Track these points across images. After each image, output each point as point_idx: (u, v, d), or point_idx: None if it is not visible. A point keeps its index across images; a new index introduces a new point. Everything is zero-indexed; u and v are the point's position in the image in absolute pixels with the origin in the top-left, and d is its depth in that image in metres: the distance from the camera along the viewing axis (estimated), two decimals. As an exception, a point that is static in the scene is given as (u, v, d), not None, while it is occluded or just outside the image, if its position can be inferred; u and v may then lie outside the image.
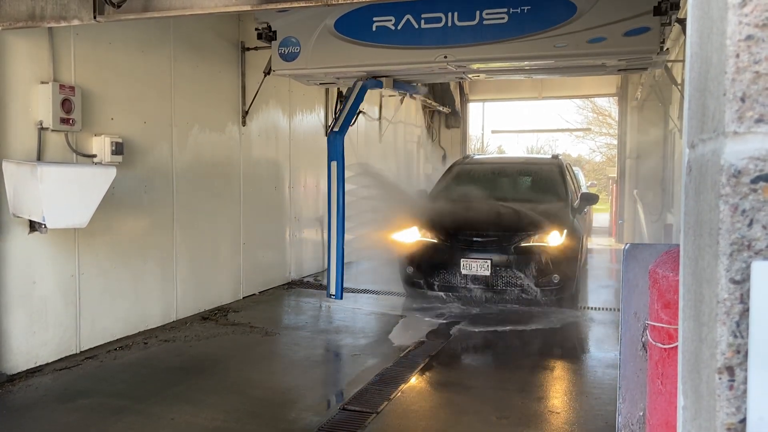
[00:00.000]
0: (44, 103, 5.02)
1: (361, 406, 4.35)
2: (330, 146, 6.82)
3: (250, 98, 7.74)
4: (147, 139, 6.18)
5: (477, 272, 7.18)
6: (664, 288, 2.00)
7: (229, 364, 5.34)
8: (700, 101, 1.07)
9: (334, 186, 6.73)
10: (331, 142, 6.81)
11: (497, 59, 6.27)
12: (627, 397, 2.53)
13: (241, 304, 7.54)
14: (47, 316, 5.18)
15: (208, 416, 4.19)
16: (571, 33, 5.78)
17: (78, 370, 5.08)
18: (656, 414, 2.06)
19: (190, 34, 6.78)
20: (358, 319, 6.92)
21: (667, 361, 2.00)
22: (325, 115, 9.99)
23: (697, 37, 1.11)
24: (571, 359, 5.77)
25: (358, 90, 6.88)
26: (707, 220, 0.99)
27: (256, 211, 8.11)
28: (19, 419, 4.14)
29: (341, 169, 6.71)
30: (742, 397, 0.91)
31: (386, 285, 8.23)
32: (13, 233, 4.89)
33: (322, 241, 9.97)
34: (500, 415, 4.25)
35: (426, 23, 6.19)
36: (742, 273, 0.91)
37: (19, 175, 4.70)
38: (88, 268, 5.54)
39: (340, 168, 6.71)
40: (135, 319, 6.08)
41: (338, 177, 6.70)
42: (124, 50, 5.87)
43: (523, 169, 9.22)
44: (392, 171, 12.95)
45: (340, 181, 6.70)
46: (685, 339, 1.14)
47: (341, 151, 6.76)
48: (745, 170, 0.91)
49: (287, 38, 6.63)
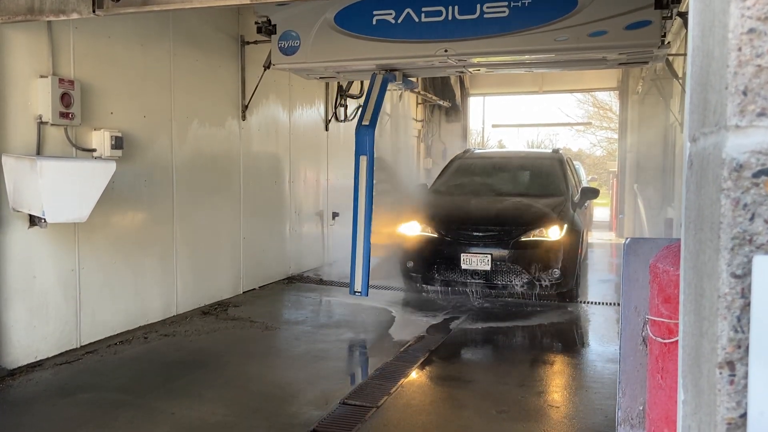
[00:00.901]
0: (43, 97, 5.01)
1: (361, 401, 4.36)
2: (359, 140, 6.64)
3: (249, 92, 7.72)
4: (147, 134, 6.17)
5: (477, 267, 7.17)
6: (665, 282, 2.00)
7: (229, 358, 5.34)
8: (701, 95, 1.06)
9: (363, 181, 6.58)
10: (360, 136, 6.63)
11: (498, 53, 6.25)
12: (627, 391, 2.53)
13: (242, 299, 7.54)
14: (47, 310, 5.19)
15: (208, 410, 4.20)
16: (571, 26, 5.76)
17: (78, 365, 5.08)
18: (656, 408, 2.06)
19: (190, 28, 6.76)
20: (358, 314, 6.93)
21: (667, 356, 2.00)
22: (325, 110, 9.98)
23: (698, 30, 1.10)
24: (570, 354, 5.77)
25: (381, 83, 6.78)
26: (708, 215, 0.98)
27: (256, 206, 8.10)
28: (19, 414, 4.15)
29: (371, 164, 6.55)
30: (743, 391, 0.91)
31: (387, 279, 8.23)
32: (13, 228, 4.89)
33: (322, 236, 9.97)
34: (500, 410, 4.25)
35: (426, 17, 6.17)
36: (743, 267, 0.91)
37: (18, 170, 4.69)
38: (88, 262, 5.54)
39: (370, 163, 6.55)
40: (135, 314, 6.08)
41: (368, 172, 6.54)
42: (123, 44, 5.86)
43: (523, 164, 9.21)
44: (393, 165, 12.95)
45: (369, 177, 6.54)
46: (686, 333, 1.14)
47: (371, 146, 6.58)
48: (747, 164, 0.90)
49: (287, 32, 6.61)
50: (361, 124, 6.66)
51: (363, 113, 6.76)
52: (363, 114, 6.74)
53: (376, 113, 6.70)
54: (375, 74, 6.91)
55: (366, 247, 6.61)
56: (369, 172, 6.57)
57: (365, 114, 6.71)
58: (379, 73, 6.89)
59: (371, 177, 6.58)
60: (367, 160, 6.55)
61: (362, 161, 6.59)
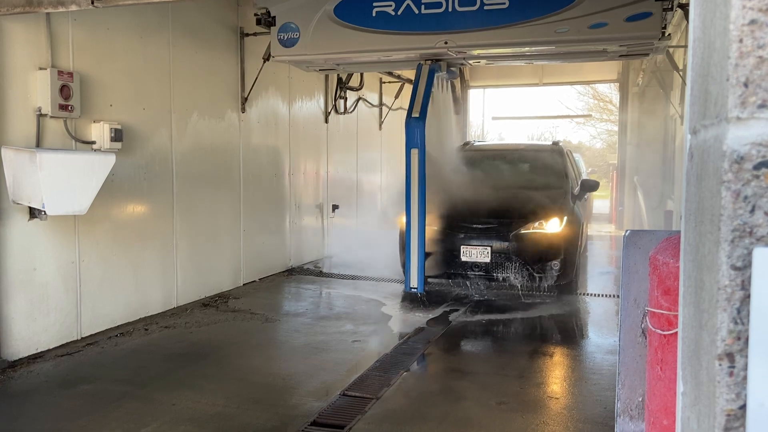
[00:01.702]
0: (43, 90, 5.00)
1: (361, 392, 4.38)
2: (409, 133, 6.45)
3: (249, 85, 7.70)
4: (146, 126, 6.16)
5: (477, 259, 7.18)
6: (665, 274, 2.00)
7: (229, 350, 5.36)
8: (702, 87, 1.06)
9: (415, 176, 6.39)
10: (410, 128, 6.43)
11: (498, 45, 6.23)
12: (626, 382, 2.54)
13: (242, 291, 7.55)
14: (48, 302, 5.19)
15: (208, 402, 4.21)
16: (572, 18, 5.75)
17: (79, 357, 5.10)
18: (655, 400, 2.07)
19: (189, 20, 6.73)
20: (358, 306, 6.94)
21: (666, 348, 2.00)
22: (325, 102, 9.96)
23: (699, 21, 1.10)
24: (570, 345, 5.79)
25: (427, 73, 6.60)
26: (709, 207, 0.98)
27: (256, 198, 8.10)
28: (20, 405, 4.16)
29: (422, 158, 6.34)
30: (742, 383, 0.91)
31: (387, 272, 8.24)
32: (13, 220, 4.89)
33: (322, 228, 9.98)
34: (499, 401, 4.27)
35: (426, 8, 6.15)
36: (743, 259, 0.91)
37: (18, 162, 4.69)
38: (88, 254, 5.54)
39: (422, 156, 6.33)
40: (136, 306, 6.09)
41: (419, 166, 6.33)
42: (122, 36, 5.84)
43: (523, 156, 9.20)
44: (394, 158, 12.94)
45: (421, 171, 6.34)
46: (685, 325, 1.14)
47: (422, 138, 6.37)
48: (748, 156, 0.90)
49: (286, 24, 6.59)
50: (410, 116, 6.43)
51: (411, 105, 6.53)
52: (412, 106, 6.51)
53: (425, 104, 6.48)
54: (420, 64, 6.73)
55: (421, 244, 6.42)
56: (421, 165, 6.33)
57: (414, 105, 6.47)
58: (425, 63, 6.70)
59: (423, 171, 6.35)
60: (419, 154, 6.33)
61: (414, 155, 6.36)
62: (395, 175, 13.27)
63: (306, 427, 3.85)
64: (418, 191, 6.44)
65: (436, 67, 6.73)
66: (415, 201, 6.47)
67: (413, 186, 6.47)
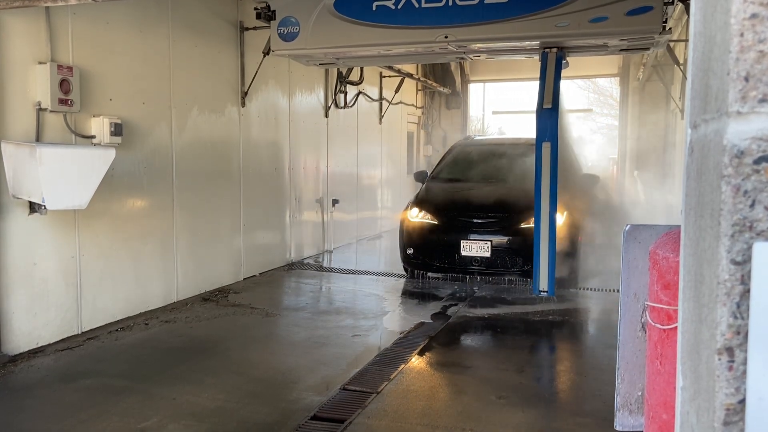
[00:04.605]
0: (42, 84, 4.99)
1: (361, 386, 4.38)
2: (540, 125, 6.08)
3: (249, 79, 7.69)
4: (146, 120, 6.15)
5: (477, 253, 7.18)
6: (664, 269, 2.00)
7: (229, 344, 5.36)
8: (703, 81, 1.05)
9: (547, 171, 6.01)
10: (541, 120, 6.07)
11: (498, 39, 6.20)
12: (626, 377, 2.54)
13: (242, 285, 7.56)
14: (48, 297, 5.20)
15: (209, 396, 4.22)
16: (572, 12, 5.73)
17: (79, 351, 5.10)
18: (655, 394, 2.07)
19: (189, 14, 6.71)
20: (358, 301, 6.94)
21: (666, 342, 2.01)
22: (325, 96, 9.94)
23: (700, 15, 1.09)
24: (569, 340, 5.79)
25: (554, 61, 6.23)
26: (709, 201, 0.98)
27: (256, 193, 8.10)
28: (21, 400, 4.17)
29: (555, 152, 5.98)
30: (742, 377, 0.91)
31: (386, 266, 8.25)
32: (13, 214, 4.88)
33: (322, 223, 9.97)
34: (499, 395, 4.28)
35: (426, 2, 6.13)
36: (743, 254, 0.91)
37: (18, 157, 4.69)
38: (88, 249, 5.54)
39: (554, 150, 5.97)
40: (136, 300, 6.10)
41: (552, 161, 5.97)
42: (122, 30, 5.82)
43: (523, 151, 9.18)
44: (393, 152, 12.93)
45: (553, 166, 5.97)
46: (685, 320, 1.14)
47: (554, 131, 6.01)
48: (748, 150, 0.90)
49: (286, 18, 6.57)
50: (541, 108, 6.07)
51: (541, 96, 6.14)
52: (542, 97, 6.14)
53: (557, 94, 6.09)
54: (546, 53, 6.32)
55: (552, 243, 6.05)
56: (553, 160, 5.97)
57: (544, 96, 6.10)
58: (550, 51, 6.30)
59: (555, 166, 6.00)
60: (551, 147, 5.98)
61: (545, 149, 6.01)
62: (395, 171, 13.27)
63: (306, 421, 3.86)
64: (549, 187, 6.04)
65: (562, 55, 6.31)
66: (545, 198, 6.06)
67: (543, 182, 6.06)
